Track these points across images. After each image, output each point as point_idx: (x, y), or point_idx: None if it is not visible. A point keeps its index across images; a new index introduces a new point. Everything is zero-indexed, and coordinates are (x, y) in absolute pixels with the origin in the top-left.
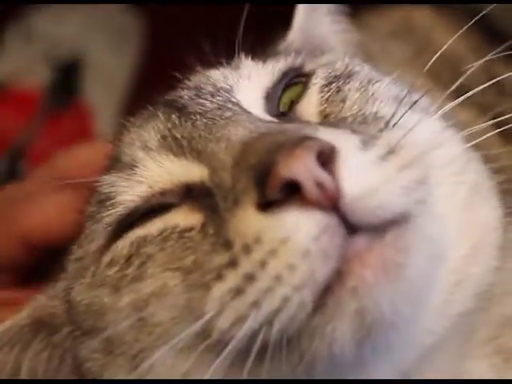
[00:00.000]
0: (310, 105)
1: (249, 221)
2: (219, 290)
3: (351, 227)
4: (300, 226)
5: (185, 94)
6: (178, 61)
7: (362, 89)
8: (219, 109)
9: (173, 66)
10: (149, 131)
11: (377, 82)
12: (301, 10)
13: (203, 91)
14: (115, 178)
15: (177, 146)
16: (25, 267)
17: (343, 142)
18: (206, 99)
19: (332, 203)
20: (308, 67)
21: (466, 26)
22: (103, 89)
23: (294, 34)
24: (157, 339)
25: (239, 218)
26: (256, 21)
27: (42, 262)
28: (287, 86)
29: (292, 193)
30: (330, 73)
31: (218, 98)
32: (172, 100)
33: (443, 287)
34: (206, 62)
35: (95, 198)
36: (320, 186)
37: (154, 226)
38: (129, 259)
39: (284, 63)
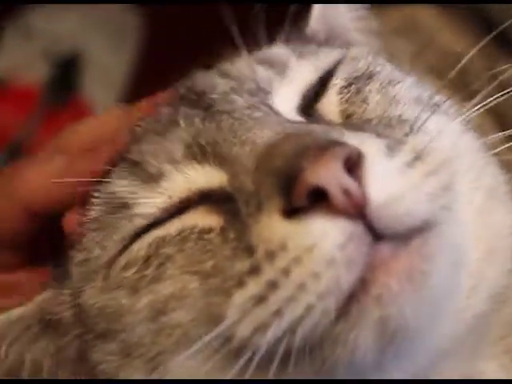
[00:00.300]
0: (330, 104)
1: (274, 227)
2: (240, 296)
3: (376, 234)
4: (327, 234)
5: (219, 84)
6: (177, 58)
7: (383, 90)
8: (248, 108)
9: (171, 63)
10: (172, 141)
11: (398, 82)
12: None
13: (244, 86)
14: (135, 188)
15: (201, 153)
16: (27, 242)
17: (369, 147)
18: (240, 96)
19: (358, 211)
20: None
21: (486, 40)
22: (102, 85)
23: (316, 22)
24: (176, 342)
25: (263, 224)
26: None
27: (44, 239)
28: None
29: (318, 200)
30: (350, 73)
31: (255, 98)
32: (200, 93)
33: (463, 292)
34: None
35: (105, 200)
36: (346, 193)
37: (172, 227)
38: (147, 260)
39: (325, 60)
